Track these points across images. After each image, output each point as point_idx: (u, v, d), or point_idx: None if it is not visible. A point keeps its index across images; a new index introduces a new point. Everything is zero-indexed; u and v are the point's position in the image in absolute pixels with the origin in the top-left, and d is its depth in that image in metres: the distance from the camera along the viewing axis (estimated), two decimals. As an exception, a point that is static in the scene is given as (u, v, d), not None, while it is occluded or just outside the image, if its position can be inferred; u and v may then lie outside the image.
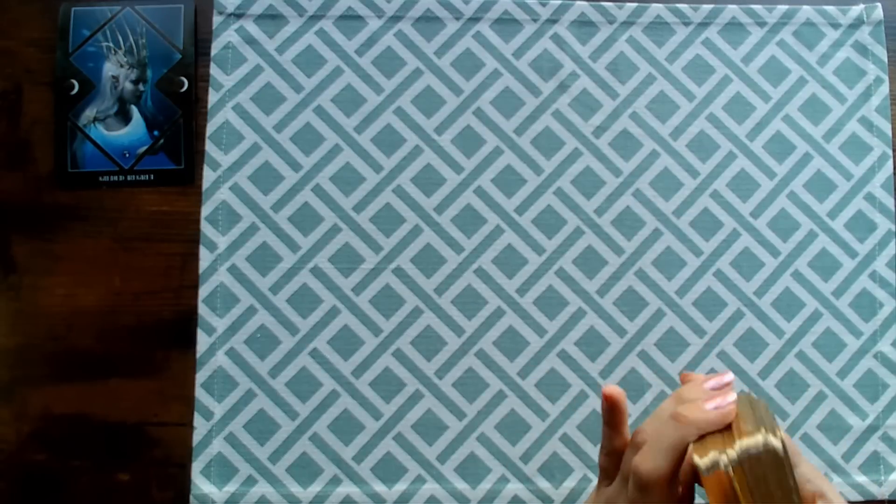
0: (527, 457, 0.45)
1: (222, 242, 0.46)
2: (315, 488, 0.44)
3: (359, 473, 0.44)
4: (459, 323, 0.46)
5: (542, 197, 0.47)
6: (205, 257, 0.46)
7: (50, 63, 0.47)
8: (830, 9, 0.49)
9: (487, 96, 0.48)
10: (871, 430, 0.46)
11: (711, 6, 0.49)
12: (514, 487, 0.44)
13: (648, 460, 0.28)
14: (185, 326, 0.45)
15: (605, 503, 0.31)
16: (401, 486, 0.44)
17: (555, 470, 0.45)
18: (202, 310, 0.45)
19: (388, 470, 0.44)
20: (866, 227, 0.47)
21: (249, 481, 0.44)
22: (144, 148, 0.47)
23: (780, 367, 0.46)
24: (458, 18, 0.48)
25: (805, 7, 0.49)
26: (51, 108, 0.47)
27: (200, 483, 0.44)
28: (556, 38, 0.48)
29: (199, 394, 0.45)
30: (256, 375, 0.45)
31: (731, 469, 0.27)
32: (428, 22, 0.48)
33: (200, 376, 0.45)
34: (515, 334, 0.46)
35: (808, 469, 0.30)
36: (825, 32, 0.49)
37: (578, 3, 0.49)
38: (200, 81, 0.48)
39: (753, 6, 0.49)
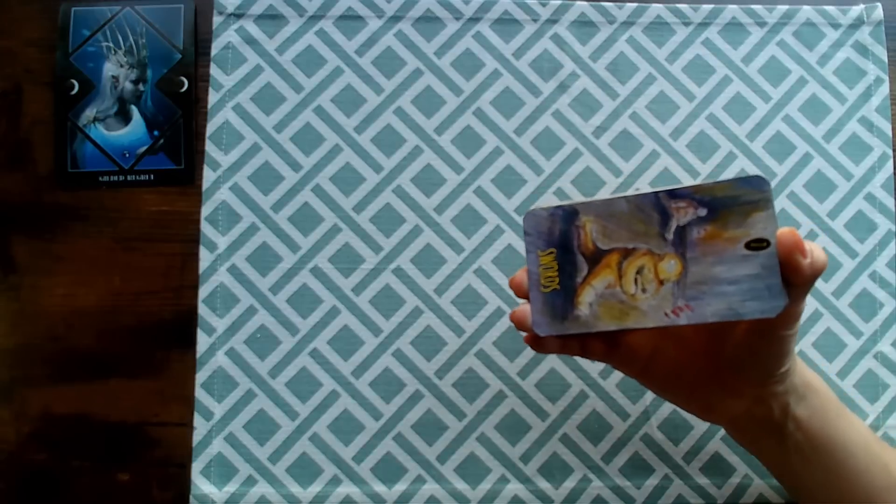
0: (527, 457, 0.45)
1: (222, 242, 0.46)
2: (315, 488, 0.44)
3: (359, 473, 0.44)
4: (459, 323, 0.46)
5: (543, 197, 0.47)
6: (205, 257, 0.46)
7: (50, 63, 0.47)
8: (830, 9, 0.49)
9: (487, 96, 0.48)
10: (871, 430, 0.46)
11: (711, 6, 0.49)
12: (514, 487, 0.45)
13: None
14: (185, 326, 0.45)
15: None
16: (401, 487, 0.44)
17: (555, 470, 0.45)
18: (202, 310, 0.45)
19: (388, 470, 0.44)
20: (866, 227, 0.47)
21: (249, 481, 0.44)
22: (144, 148, 0.47)
23: (780, 367, 0.46)
24: (458, 18, 0.48)
25: (805, 7, 0.49)
26: (51, 108, 0.47)
27: (200, 483, 0.44)
28: (556, 39, 0.48)
29: (199, 394, 0.45)
30: (256, 375, 0.45)
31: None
32: (428, 22, 0.48)
33: (200, 376, 0.45)
34: (515, 334, 0.46)
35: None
36: (825, 32, 0.49)
37: (578, 3, 0.49)
38: (200, 81, 0.48)
39: (753, 6, 0.49)
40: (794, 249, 0.28)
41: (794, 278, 0.28)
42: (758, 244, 0.28)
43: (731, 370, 0.34)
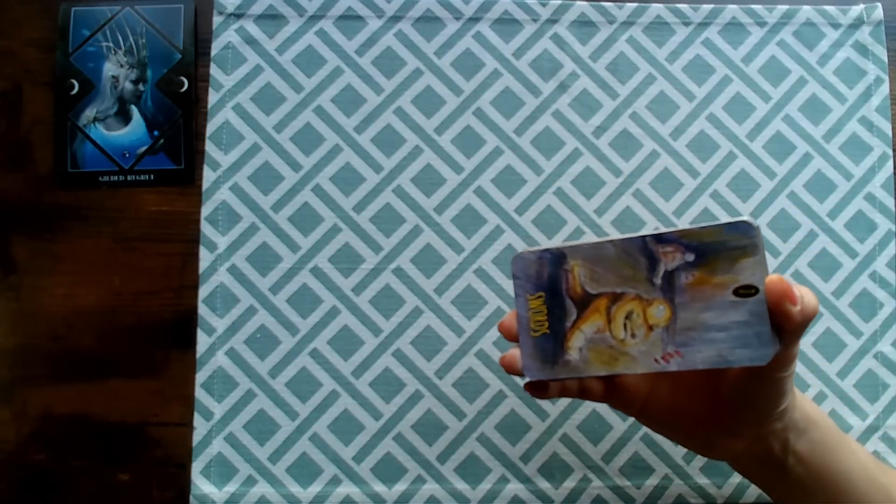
0: (527, 457, 0.45)
1: (222, 242, 0.46)
2: (315, 488, 0.44)
3: (359, 473, 0.44)
4: (459, 323, 0.46)
5: (542, 197, 0.47)
6: (205, 257, 0.46)
7: (50, 63, 0.47)
8: (830, 9, 0.49)
9: (487, 96, 0.48)
10: (871, 430, 0.46)
11: (711, 6, 0.49)
12: (514, 487, 0.45)
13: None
14: (185, 326, 0.45)
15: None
16: (401, 486, 0.44)
17: (555, 470, 0.45)
18: (202, 310, 0.45)
19: (388, 470, 0.44)
20: (866, 227, 0.47)
21: (249, 481, 0.44)
22: (144, 148, 0.47)
23: (780, 367, 0.46)
24: (458, 18, 0.48)
25: (805, 7, 0.49)
26: (51, 108, 0.47)
27: (200, 483, 0.44)
28: (556, 38, 0.48)
29: (199, 394, 0.45)
30: (256, 375, 0.45)
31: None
32: (428, 22, 0.48)
33: (200, 376, 0.45)
34: (515, 334, 0.46)
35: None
36: (825, 32, 0.49)
37: (578, 3, 0.49)
38: (200, 81, 0.48)
39: (753, 6, 0.49)
40: (782, 298, 0.27)
41: (785, 325, 0.28)
42: (746, 291, 0.28)
43: (727, 411, 0.34)
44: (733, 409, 0.33)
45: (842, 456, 0.35)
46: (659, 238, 0.30)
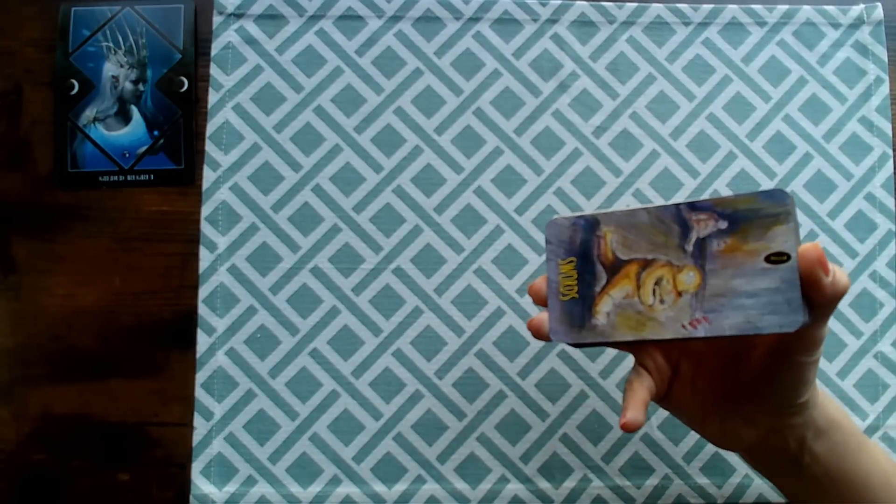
0: (527, 457, 0.45)
1: (222, 242, 0.46)
2: (315, 488, 0.44)
3: (359, 473, 0.44)
4: (459, 323, 0.46)
5: (542, 197, 0.47)
6: (205, 257, 0.46)
7: (50, 63, 0.47)
8: (830, 9, 0.49)
9: (487, 96, 0.48)
10: (871, 430, 0.46)
11: (711, 6, 0.49)
12: (514, 487, 0.45)
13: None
14: (185, 326, 0.45)
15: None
16: (401, 487, 0.44)
17: (555, 470, 0.45)
18: (202, 310, 0.45)
19: (388, 470, 0.44)
20: (866, 227, 0.47)
21: (249, 481, 0.44)
22: (144, 148, 0.47)
23: (780, 367, 0.46)
24: (458, 18, 0.48)
25: (805, 7, 0.49)
26: (51, 108, 0.47)
27: (200, 483, 0.44)
28: (556, 38, 0.48)
29: (199, 394, 0.45)
30: (256, 375, 0.45)
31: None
32: (428, 22, 0.48)
33: (200, 376, 0.45)
34: (515, 334, 0.46)
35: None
36: (825, 32, 0.49)
37: (578, 3, 0.49)
38: (200, 81, 0.48)
39: (753, 6, 0.49)
40: (815, 264, 0.27)
41: (814, 296, 0.28)
42: (778, 258, 0.28)
43: (747, 396, 0.33)
44: (752, 393, 0.33)
45: (861, 459, 0.35)
46: (693, 206, 0.30)
